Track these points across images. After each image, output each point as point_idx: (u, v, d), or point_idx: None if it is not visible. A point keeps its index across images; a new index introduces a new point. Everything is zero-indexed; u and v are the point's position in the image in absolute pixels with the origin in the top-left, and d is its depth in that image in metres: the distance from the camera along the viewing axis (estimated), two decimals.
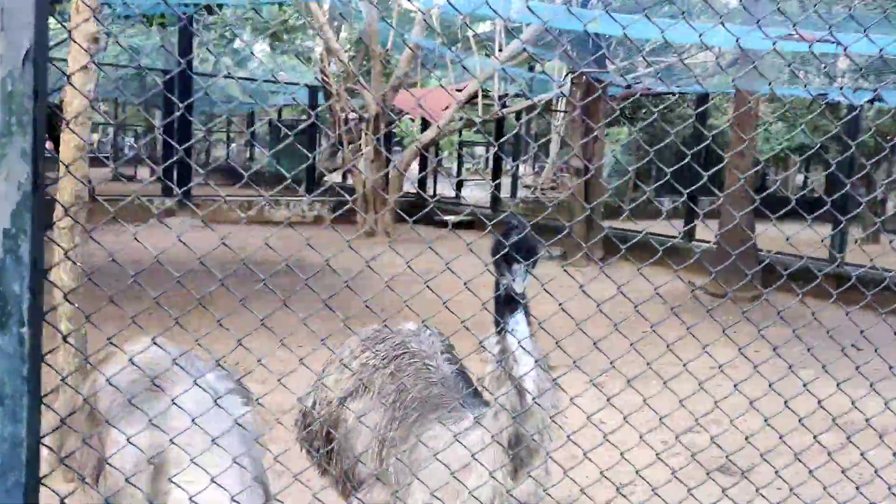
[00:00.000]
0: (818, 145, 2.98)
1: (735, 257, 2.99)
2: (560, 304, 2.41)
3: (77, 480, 2.90)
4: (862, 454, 3.24)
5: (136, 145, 21.07)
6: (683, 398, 2.96)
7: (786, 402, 2.89)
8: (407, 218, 3.04)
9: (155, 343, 2.80)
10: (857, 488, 3.13)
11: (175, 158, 5.04)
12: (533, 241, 2.58)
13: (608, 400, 2.84)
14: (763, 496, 3.06)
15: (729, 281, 10.31)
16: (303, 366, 2.57)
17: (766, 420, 2.84)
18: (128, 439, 2.45)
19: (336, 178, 21.45)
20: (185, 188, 15.62)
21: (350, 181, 19.62)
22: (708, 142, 3.21)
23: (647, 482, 2.93)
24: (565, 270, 2.29)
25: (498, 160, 19.67)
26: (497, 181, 18.68)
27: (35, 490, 1.83)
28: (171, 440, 2.44)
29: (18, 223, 1.54)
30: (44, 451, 3.00)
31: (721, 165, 4.35)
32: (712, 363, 2.97)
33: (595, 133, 12.81)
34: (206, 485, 2.46)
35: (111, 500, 2.66)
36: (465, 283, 2.31)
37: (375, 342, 3.20)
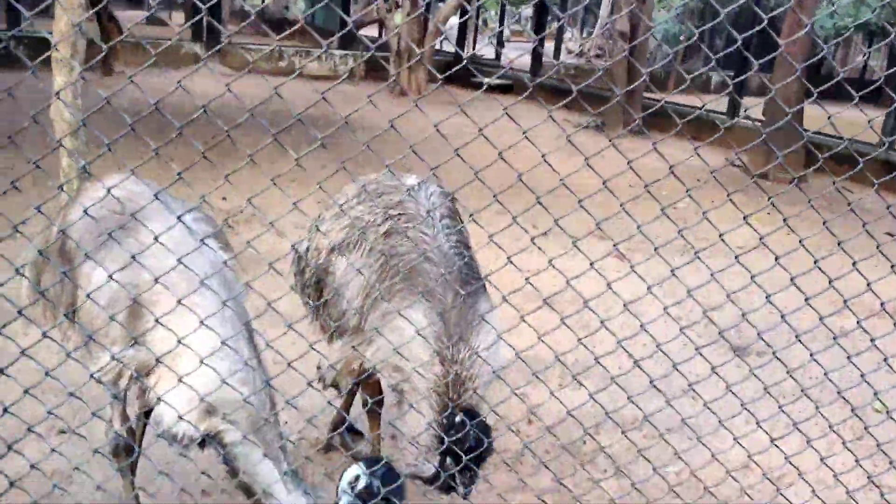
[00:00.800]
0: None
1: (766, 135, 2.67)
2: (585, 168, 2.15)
3: (53, 315, 2.80)
4: None
5: None
6: (714, 272, 2.74)
7: (831, 283, 2.66)
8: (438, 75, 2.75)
9: (133, 175, 2.62)
10: None
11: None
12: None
13: (632, 268, 2.65)
14: (793, 378, 2.89)
15: (770, 161, 9.88)
16: (298, 210, 2.39)
17: (806, 299, 2.62)
18: (110, 276, 2.30)
19: (371, 31, 20.73)
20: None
21: (385, 36, 18.91)
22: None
23: (668, 356, 2.75)
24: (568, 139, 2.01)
25: (542, 21, 18.70)
26: (540, 43, 17.86)
27: None
28: (156, 280, 2.27)
29: None
30: (24, 284, 2.91)
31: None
32: (740, 242, 2.73)
33: None
34: (193, 327, 2.33)
35: (86, 335, 2.57)
36: (499, 153, 2.06)
37: (373, 195, 3.01)
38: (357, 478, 2.20)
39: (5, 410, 2.05)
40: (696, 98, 13.76)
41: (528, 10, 28.27)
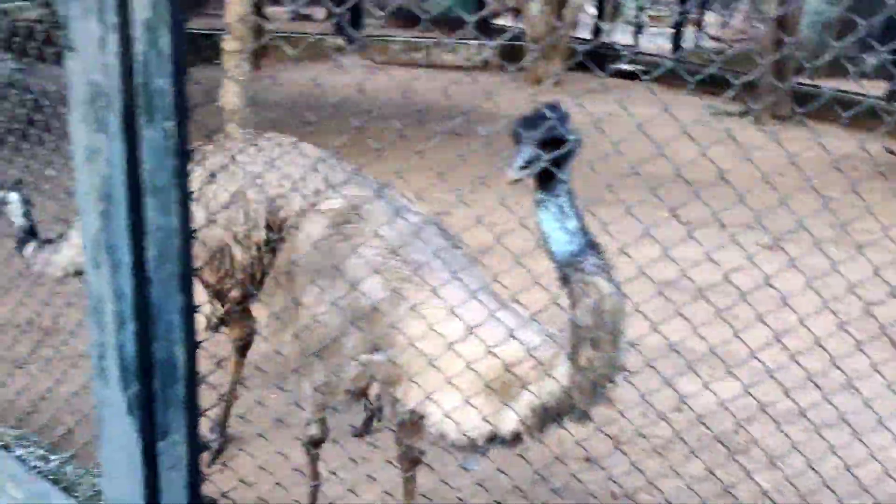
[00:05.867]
0: None
1: None
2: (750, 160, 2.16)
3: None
4: None
5: None
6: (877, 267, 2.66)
7: None
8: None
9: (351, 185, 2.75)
10: None
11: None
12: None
13: (793, 261, 2.61)
14: None
15: None
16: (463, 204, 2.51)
17: None
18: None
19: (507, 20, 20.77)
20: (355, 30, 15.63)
21: (521, 24, 18.93)
22: None
23: (827, 351, 2.70)
24: (731, 133, 2.02)
25: (682, 6, 18.15)
26: (679, 29, 17.36)
27: (190, 281, 1.90)
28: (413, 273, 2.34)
29: (158, 13, 1.50)
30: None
31: None
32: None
33: None
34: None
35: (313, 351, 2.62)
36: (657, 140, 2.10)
37: None
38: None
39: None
40: (850, 83, 13.01)
41: None
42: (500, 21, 20.19)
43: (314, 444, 3.11)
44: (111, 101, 1.58)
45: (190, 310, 1.95)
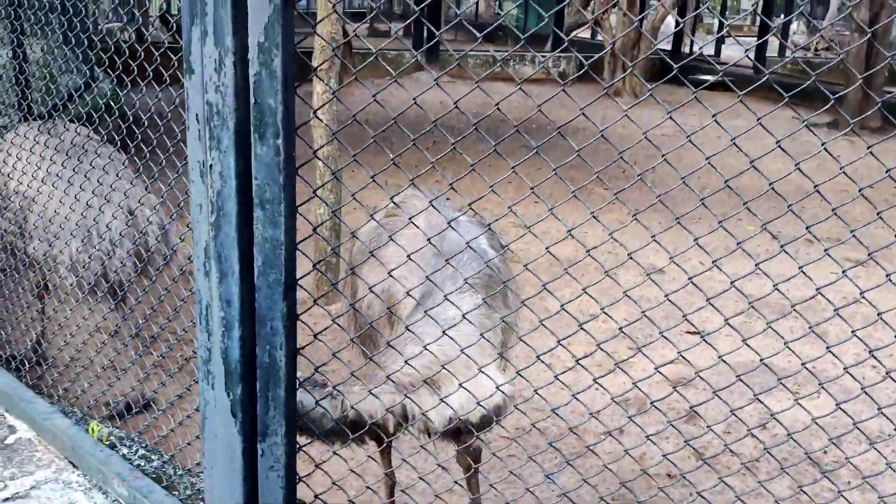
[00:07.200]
0: None
1: None
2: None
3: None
4: None
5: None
6: None
7: None
8: (642, 81, 2.80)
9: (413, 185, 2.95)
10: None
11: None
12: None
13: (888, 276, 2.55)
14: None
15: None
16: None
17: None
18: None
19: (584, 33, 20.68)
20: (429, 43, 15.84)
21: (599, 37, 18.82)
22: None
23: None
24: (823, 147, 1.99)
25: (766, 15, 17.74)
26: (763, 39, 16.94)
27: (292, 289, 1.98)
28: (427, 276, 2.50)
29: (271, 37, 1.60)
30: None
31: None
32: None
33: None
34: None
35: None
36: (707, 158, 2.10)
37: None
38: None
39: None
40: None
41: (747, 3, 26.81)
42: (579, 34, 20.13)
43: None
44: (225, 120, 1.69)
45: (293, 316, 2.03)
